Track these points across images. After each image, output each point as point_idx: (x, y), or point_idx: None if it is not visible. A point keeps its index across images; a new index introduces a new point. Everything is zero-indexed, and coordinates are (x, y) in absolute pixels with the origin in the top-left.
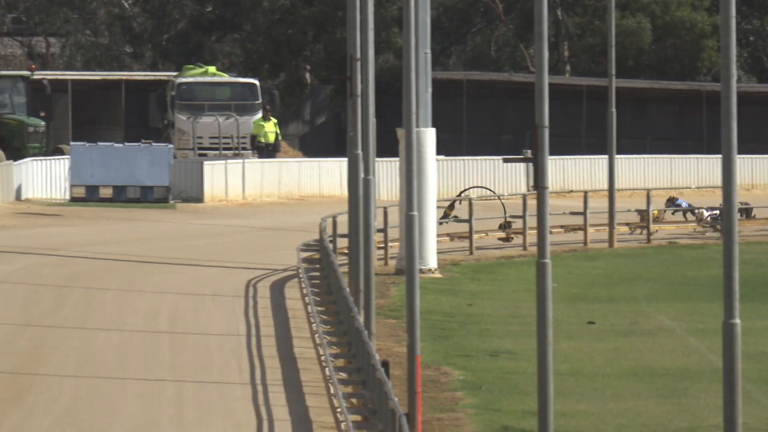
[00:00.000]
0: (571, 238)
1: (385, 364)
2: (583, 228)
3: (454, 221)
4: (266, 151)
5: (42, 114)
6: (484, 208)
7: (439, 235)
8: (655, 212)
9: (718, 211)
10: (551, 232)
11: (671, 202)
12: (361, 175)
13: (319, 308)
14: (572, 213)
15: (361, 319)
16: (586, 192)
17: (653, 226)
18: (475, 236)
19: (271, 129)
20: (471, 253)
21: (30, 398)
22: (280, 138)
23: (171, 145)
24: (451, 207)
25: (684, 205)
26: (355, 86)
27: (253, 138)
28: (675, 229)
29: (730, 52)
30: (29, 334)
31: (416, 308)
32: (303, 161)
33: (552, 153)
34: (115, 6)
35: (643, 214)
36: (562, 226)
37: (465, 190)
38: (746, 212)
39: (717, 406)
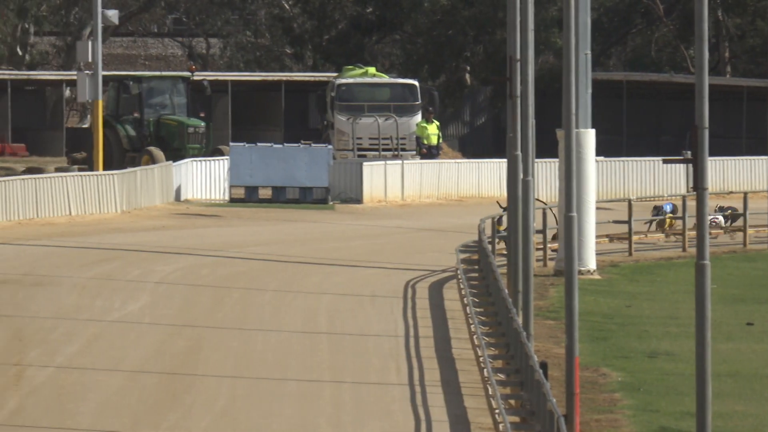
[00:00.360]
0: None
1: (544, 366)
2: (743, 229)
3: (613, 223)
4: (428, 153)
5: (202, 115)
6: (642, 209)
7: (597, 237)
8: None
9: None
10: (710, 234)
11: None
12: (520, 176)
13: (478, 309)
14: (733, 214)
15: (519, 320)
16: (745, 193)
17: None
18: (634, 237)
19: (433, 131)
20: (630, 254)
21: (188, 398)
22: (441, 140)
23: (330, 146)
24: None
25: None
26: (514, 87)
27: (418, 139)
28: None
29: None
30: (188, 335)
31: (575, 309)
32: (462, 162)
33: (711, 154)
34: (275, 7)
35: None
36: (721, 227)
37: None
38: None
39: None
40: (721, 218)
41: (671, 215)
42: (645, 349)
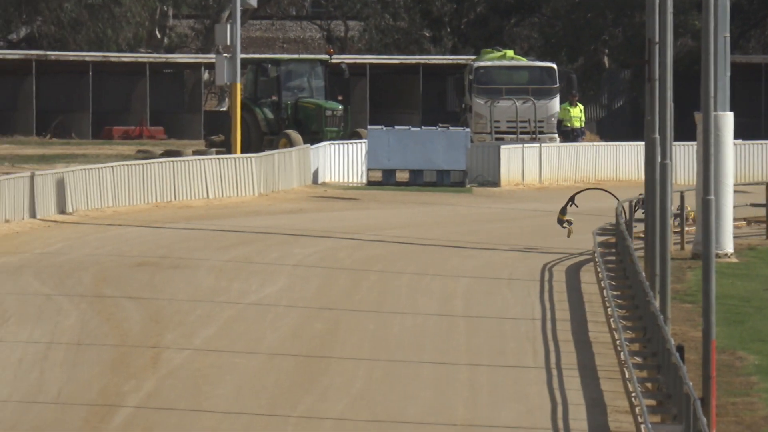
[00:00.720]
0: None
1: (681, 349)
2: None
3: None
4: (570, 136)
5: (340, 98)
6: None
7: (735, 220)
8: None
9: None
10: None
11: None
12: (658, 159)
13: (615, 292)
14: None
15: (656, 303)
16: None
17: None
18: None
19: (576, 114)
20: (767, 237)
21: (324, 381)
22: (584, 124)
23: (468, 129)
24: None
25: None
26: (653, 70)
27: (559, 123)
28: None
29: None
30: (325, 317)
31: (712, 293)
32: (600, 145)
33: None
34: None
35: None
36: None
37: (578, 192)
38: None
39: None
40: None
41: None
42: None
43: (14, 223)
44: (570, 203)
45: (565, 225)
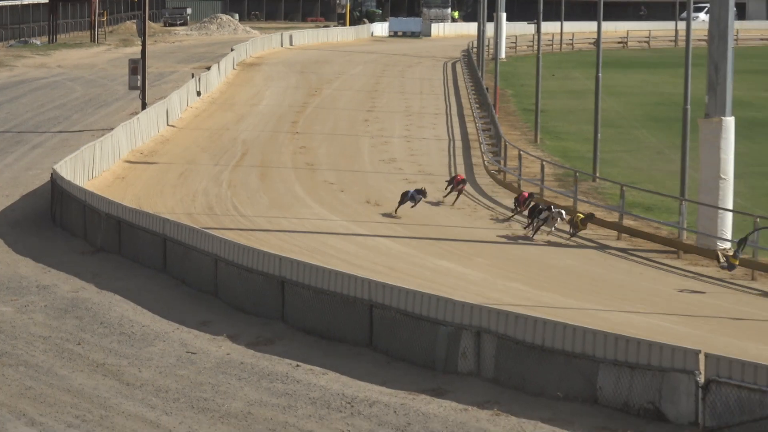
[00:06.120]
0: None
1: (487, 89)
2: None
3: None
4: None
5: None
6: None
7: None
8: None
9: None
10: None
11: None
12: None
13: (468, 73)
14: None
15: (480, 74)
16: None
17: None
18: None
19: (455, 16)
20: None
21: (376, 99)
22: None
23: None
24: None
25: None
26: None
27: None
28: None
29: None
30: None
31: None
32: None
33: None
34: None
35: None
36: None
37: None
38: None
39: None
40: None
41: None
42: None
43: None
44: None
45: None
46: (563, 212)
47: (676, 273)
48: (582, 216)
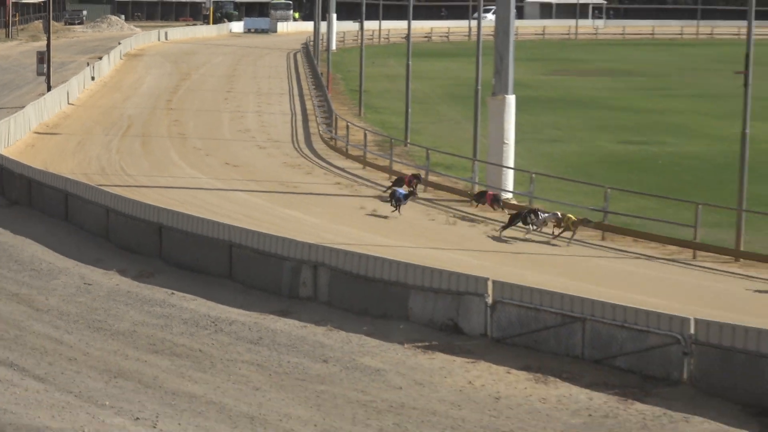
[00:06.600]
0: None
1: (321, 75)
2: None
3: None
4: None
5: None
6: None
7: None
8: None
9: None
10: None
11: None
12: None
13: (306, 62)
14: None
15: (316, 62)
16: None
17: None
18: None
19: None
20: None
21: (234, 82)
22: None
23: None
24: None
25: None
26: None
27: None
28: None
29: None
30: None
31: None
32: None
33: None
34: None
35: None
36: None
37: None
38: None
39: None
40: None
41: None
42: None
43: None
44: None
45: None
46: (558, 214)
47: (470, 218)
48: (573, 219)
